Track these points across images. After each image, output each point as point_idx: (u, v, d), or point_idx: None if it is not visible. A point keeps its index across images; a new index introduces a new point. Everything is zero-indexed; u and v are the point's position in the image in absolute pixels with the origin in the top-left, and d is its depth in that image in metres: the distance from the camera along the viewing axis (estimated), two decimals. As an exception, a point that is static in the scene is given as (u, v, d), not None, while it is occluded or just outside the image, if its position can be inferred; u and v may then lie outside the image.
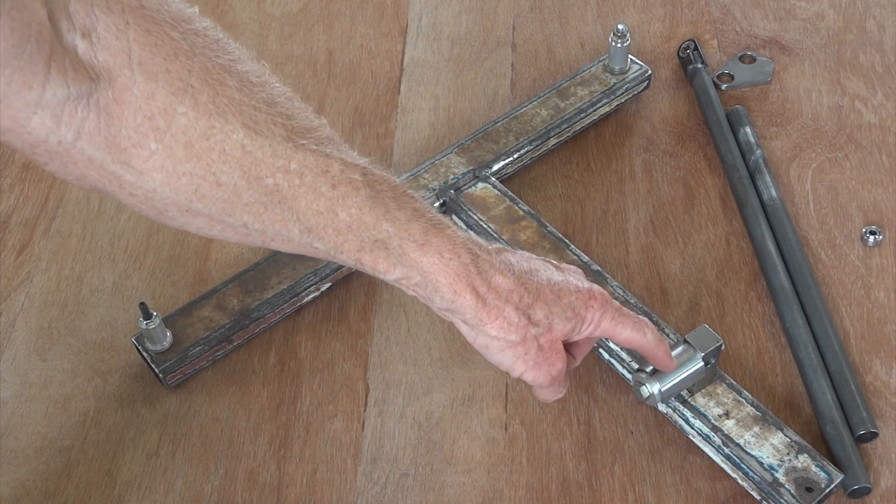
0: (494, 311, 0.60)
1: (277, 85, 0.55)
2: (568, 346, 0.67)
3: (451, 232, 0.59)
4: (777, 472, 0.71)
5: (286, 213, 0.55)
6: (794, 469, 0.71)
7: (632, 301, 0.80)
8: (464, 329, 0.62)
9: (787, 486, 0.70)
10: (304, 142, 0.55)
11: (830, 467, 0.71)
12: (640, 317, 0.66)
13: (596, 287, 0.64)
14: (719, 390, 0.75)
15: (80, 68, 0.48)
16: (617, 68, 0.98)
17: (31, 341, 0.85)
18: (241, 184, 0.53)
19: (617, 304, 0.65)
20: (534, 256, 0.64)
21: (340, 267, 0.85)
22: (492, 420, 0.79)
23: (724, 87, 1.01)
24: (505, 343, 0.61)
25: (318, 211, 0.55)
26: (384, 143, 0.99)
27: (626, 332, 0.65)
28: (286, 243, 0.58)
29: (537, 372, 0.63)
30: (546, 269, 0.64)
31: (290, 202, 0.55)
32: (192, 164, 0.51)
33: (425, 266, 0.58)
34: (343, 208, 0.56)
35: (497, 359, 0.63)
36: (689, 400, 0.74)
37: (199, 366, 0.81)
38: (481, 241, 0.62)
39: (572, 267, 0.66)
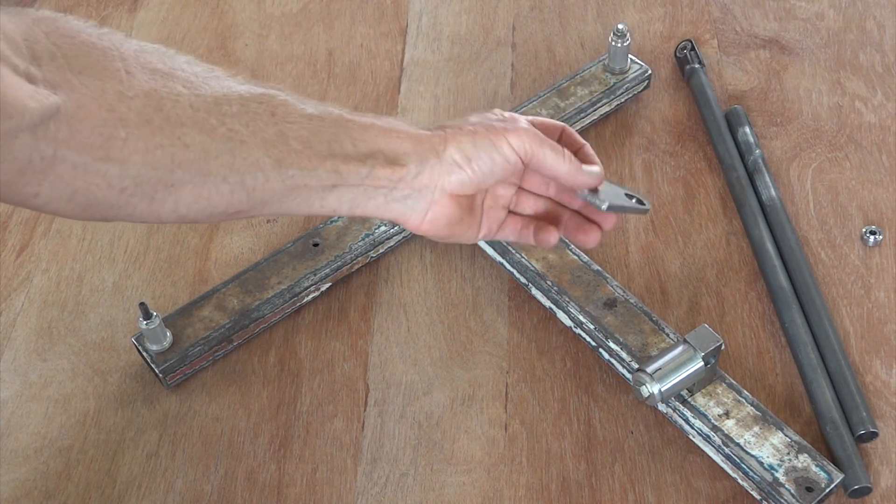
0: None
1: (182, 57, 0.60)
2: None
3: None
4: (777, 471, 0.71)
5: (250, 152, 0.59)
6: (794, 469, 0.71)
7: (632, 301, 0.80)
8: None
9: (787, 485, 0.70)
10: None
11: (830, 467, 0.71)
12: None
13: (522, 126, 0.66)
14: (719, 390, 0.75)
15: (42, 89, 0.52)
16: (617, 68, 0.98)
17: (31, 341, 0.85)
18: (204, 139, 0.57)
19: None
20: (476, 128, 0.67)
21: (340, 267, 0.85)
22: (492, 420, 0.78)
23: None
24: None
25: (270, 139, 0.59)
26: (384, 143, 0.99)
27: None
28: (266, 183, 0.59)
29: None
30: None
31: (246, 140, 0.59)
32: (159, 136, 0.55)
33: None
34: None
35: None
36: (689, 400, 0.74)
37: (199, 366, 0.81)
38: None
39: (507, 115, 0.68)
